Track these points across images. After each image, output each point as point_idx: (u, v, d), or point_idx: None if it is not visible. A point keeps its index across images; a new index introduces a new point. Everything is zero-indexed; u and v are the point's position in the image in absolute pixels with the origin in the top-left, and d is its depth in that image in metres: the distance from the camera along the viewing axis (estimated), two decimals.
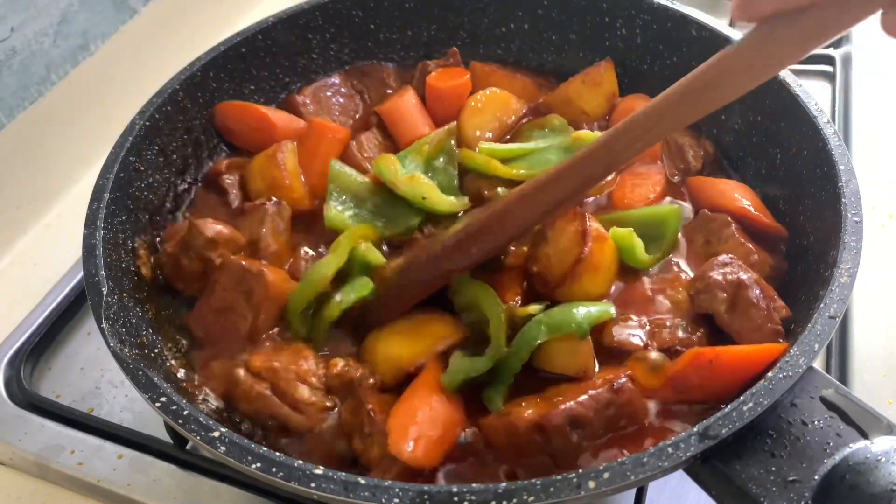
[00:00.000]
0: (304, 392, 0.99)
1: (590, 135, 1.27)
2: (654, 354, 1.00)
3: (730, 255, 1.06)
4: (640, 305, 1.09)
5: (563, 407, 0.92)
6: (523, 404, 0.96)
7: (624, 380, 0.94)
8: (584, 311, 1.01)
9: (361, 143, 1.34)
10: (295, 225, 1.24)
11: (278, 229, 1.20)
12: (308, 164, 1.30)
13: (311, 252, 1.22)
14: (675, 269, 1.14)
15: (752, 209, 1.17)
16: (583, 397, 0.92)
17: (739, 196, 1.19)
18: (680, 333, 1.04)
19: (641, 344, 1.03)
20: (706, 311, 1.03)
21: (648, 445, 0.84)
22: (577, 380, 1.00)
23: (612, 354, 1.03)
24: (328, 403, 1.00)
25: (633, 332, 1.04)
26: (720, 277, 1.02)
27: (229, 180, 1.31)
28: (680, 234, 1.18)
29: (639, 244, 1.11)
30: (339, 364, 1.02)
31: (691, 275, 1.13)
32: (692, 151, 1.30)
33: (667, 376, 0.98)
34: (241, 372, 1.00)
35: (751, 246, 1.11)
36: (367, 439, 0.95)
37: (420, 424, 0.94)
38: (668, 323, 1.05)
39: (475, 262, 1.05)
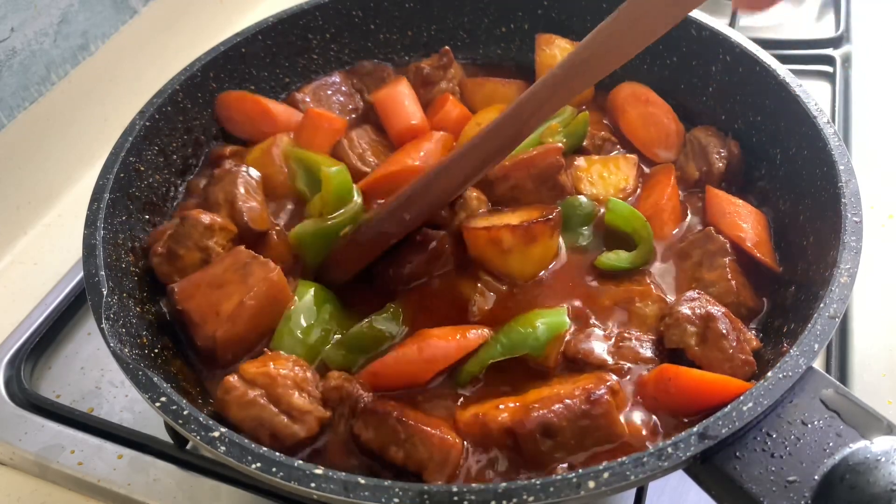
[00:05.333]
0: (300, 399, 0.96)
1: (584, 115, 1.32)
2: None
3: (697, 291, 1.06)
4: (607, 313, 1.09)
5: (535, 414, 0.92)
6: (500, 406, 0.96)
7: (603, 391, 0.93)
8: (542, 329, 1.02)
9: (353, 139, 1.33)
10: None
11: (251, 187, 1.22)
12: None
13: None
14: (647, 280, 1.13)
15: (747, 242, 1.14)
16: (557, 406, 0.92)
17: (742, 223, 1.16)
18: (646, 352, 1.04)
19: (605, 359, 1.03)
20: (677, 346, 1.02)
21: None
22: (566, 378, 1.02)
23: (577, 366, 1.04)
24: (326, 413, 0.98)
25: (597, 345, 1.05)
26: (689, 312, 1.02)
27: (229, 165, 1.30)
28: (663, 246, 1.19)
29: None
30: (336, 377, 1.00)
31: (663, 287, 1.13)
32: (716, 152, 1.25)
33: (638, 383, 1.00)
34: (234, 378, 0.97)
35: (733, 284, 1.08)
36: (406, 445, 0.92)
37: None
38: (633, 337, 1.05)
39: (408, 227, 1.13)
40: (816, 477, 0.77)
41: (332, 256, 1.18)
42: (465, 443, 0.95)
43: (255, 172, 1.24)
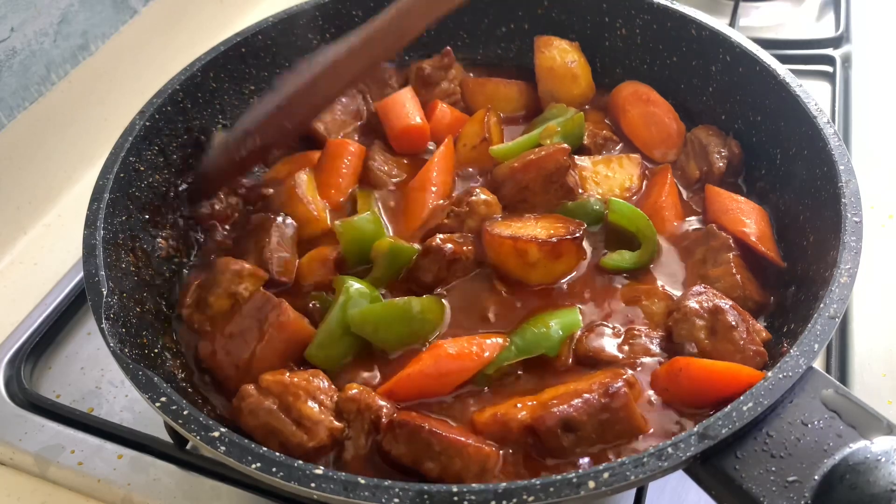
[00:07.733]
0: (311, 409, 0.95)
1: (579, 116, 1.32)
2: None
3: (703, 285, 1.06)
4: (615, 312, 1.09)
5: (555, 410, 0.92)
6: (518, 405, 0.96)
7: (620, 384, 0.94)
8: (555, 329, 1.03)
9: (375, 157, 1.34)
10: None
11: (285, 237, 1.21)
12: (325, 181, 1.31)
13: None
14: (655, 278, 1.13)
15: (751, 237, 1.14)
16: (577, 401, 0.92)
17: (745, 219, 1.17)
18: (656, 348, 1.04)
19: (616, 355, 1.03)
20: (686, 341, 1.02)
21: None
22: (579, 376, 1.02)
23: (588, 364, 1.04)
24: (337, 424, 0.96)
25: (607, 342, 1.05)
26: (696, 305, 1.02)
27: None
28: (666, 244, 1.19)
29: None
30: (354, 389, 0.99)
31: (669, 286, 1.13)
32: (717, 152, 1.26)
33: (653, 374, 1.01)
34: (251, 387, 0.97)
35: (738, 278, 1.09)
36: (441, 457, 0.91)
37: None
38: (643, 334, 1.05)
39: (289, 135, 1.30)
40: (816, 477, 0.77)
41: (207, 169, 1.27)
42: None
43: (291, 222, 1.23)
